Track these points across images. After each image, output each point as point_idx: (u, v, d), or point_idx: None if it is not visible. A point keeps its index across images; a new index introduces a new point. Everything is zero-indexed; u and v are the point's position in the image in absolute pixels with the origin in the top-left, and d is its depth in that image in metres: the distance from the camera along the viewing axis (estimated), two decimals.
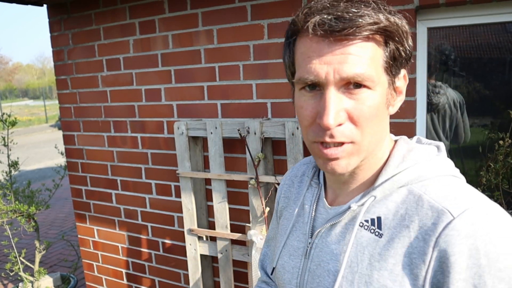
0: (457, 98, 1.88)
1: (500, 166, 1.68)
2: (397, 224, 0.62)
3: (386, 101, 0.64)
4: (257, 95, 2.06)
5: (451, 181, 0.64)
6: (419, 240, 0.59)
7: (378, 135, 0.64)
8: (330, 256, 0.68)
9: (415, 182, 0.64)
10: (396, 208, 0.63)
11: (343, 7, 0.59)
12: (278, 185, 1.99)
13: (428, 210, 0.60)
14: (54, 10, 2.65)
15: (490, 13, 1.66)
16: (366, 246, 0.64)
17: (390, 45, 0.61)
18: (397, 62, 0.63)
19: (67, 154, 2.84)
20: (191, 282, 2.29)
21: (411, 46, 0.65)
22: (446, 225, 0.57)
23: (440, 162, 0.67)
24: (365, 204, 0.65)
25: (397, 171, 0.65)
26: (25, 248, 3.95)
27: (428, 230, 0.59)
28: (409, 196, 0.63)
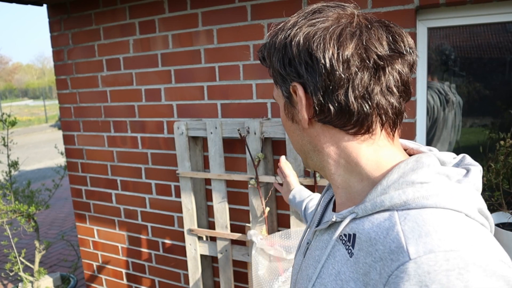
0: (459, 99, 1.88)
1: (501, 166, 1.68)
2: (365, 248, 0.57)
3: (288, 114, 0.68)
4: (257, 95, 2.06)
5: (441, 216, 0.53)
6: (376, 272, 0.53)
7: (296, 144, 0.69)
8: (312, 261, 0.69)
9: (400, 209, 0.56)
10: (369, 231, 0.57)
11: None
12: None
13: (392, 243, 0.52)
14: (54, 10, 2.65)
15: (490, 13, 1.66)
16: (338, 261, 0.61)
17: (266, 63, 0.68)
18: (275, 78, 0.66)
19: (67, 154, 2.84)
20: (191, 282, 2.29)
21: (275, 63, 0.64)
22: (399, 265, 0.50)
23: (444, 190, 0.55)
24: (345, 219, 0.62)
25: (386, 191, 0.58)
26: (25, 248, 3.95)
27: (385, 265, 0.52)
28: (386, 222, 0.56)
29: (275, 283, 1.80)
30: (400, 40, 0.59)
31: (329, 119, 0.61)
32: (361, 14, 0.61)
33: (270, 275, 1.84)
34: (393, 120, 0.61)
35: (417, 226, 0.52)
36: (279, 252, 1.82)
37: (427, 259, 0.48)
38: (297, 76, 0.61)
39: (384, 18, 1.71)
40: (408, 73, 0.60)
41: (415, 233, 0.51)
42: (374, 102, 0.58)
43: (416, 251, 0.49)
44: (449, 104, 1.90)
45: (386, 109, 0.60)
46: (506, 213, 1.74)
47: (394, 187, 0.58)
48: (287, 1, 1.91)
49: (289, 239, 1.86)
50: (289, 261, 1.82)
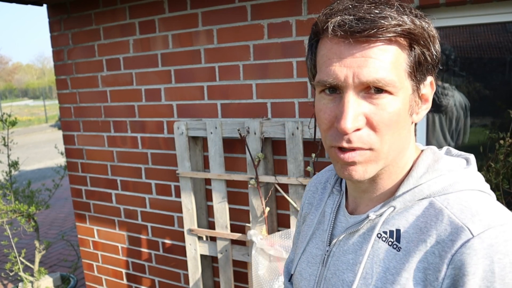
0: (463, 101, 1.88)
1: (501, 166, 1.68)
2: (415, 238, 0.60)
3: (409, 108, 0.61)
4: (257, 95, 2.06)
5: (477, 196, 0.60)
6: (435, 256, 0.57)
7: (399, 143, 0.62)
8: (346, 265, 0.67)
9: (438, 195, 0.61)
10: (415, 221, 0.61)
11: (366, 8, 0.57)
12: (278, 185, 1.99)
13: (447, 226, 0.57)
14: (54, 10, 2.65)
15: (490, 13, 1.66)
16: (383, 258, 0.62)
17: (415, 49, 0.58)
18: (422, 67, 0.60)
19: (67, 154, 2.84)
20: (191, 282, 2.29)
21: (438, 51, 0.61)
22: (463, 243, 0.55)
23: (467, 175, 0.63)
24: (383, 214, 0.63)
25: (420, 182, 0.62)
26: (25, 248, 3.95)
27: (445, 246, 0.56)
28: (429, 209, 0.60)
29: (275, 283, 1.80)
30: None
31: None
32: None
33: (270, 275, 1.84)
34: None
35: (464, 207, 0.58)
36: (279, 252, 1.82)
37: (489, 233, 0.54)
38: (435, 68, 0.65)
39: None
40: None
41: (467, 213, 0.57)
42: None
43: (476, 228, 0.55)
44: (442, 109, 1.89)
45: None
46: None
47: (426, 177, 0.63)
48: (287, 1, 1.91)
49: (289, 239, 1.86)
50: None
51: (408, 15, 0.57)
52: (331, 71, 0.58)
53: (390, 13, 0.56)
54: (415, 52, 0.59)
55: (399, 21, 0.56)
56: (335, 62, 0.58)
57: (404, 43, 0.58)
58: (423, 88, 0.62)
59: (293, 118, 2.00)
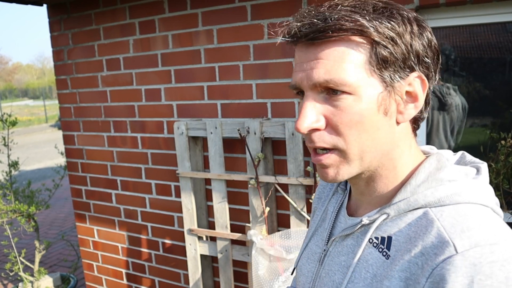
0: (463, 102, 1.88)
1: (501, 166, 1.68)
2: (404, 247, 0.58)
3: (380, 107, 0.59)
4: (257, 95, 2.06)
5: (476, 211, 0.56)
6: (418, 267, 0.55)
7: (375, 144, 0.60)
8: (338, 267, 0.68)
9: (434, 206, 0.58)
10: (407, 230, 0.59)
11: (317, 12, 0.58)
12: (278, 185, 1.99)
13: (434, 238, 0.55)
14: (54, 10, 2.65)
15: (490, 13, 1.66)
16: (372, 264, 0.61)
17: (376, 47, 0.57)
18: (390, 64, 0.58)
19: (67, 154, 2.84)
20: (191, 282, 2.29)
21: (414, 45, 0.58)
22: (445, 258, 0.52)
23: (471, 186, 0.59)
24: (376, 220, 0.62)
25: (417, 191, 0.60)
26: (25, 248, 3.95)
27: (428, 259, 0.54)
28: (422, 219, 0.58)
29: (275, 283, 1.80)
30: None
31: (419, 114, 0.65)
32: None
33: (270, 275, 1.84)
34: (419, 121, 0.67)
35: (456, 221, 0.55)
36: (279, 252, 1.82)
37: (474, 252, 0.51)
38: (425, 67, 0.63)
39: None
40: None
41: (457, 228, 0.54)
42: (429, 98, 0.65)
43: (462, 245, 0.52)
44: (447, 107, 1.89)
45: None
46: (506, 213, 1.74)
47: (425, 186, 0.60)
48: (287, 1, 1.91)
49: (289, 239, 1.86)
50: (289, 261, 1.82)
51: (364, 13, 0.57)
52: (293, 75, 0.62)
53: (339, 14, 0.56)
54: (377, 50, 0.57)
55: (346, 21, 0.56)
56: (296, 67, 0.62)
57: (361, 41, 0.57)
58: (406, 86, 0.60)
59: (293, 118, 2.00)
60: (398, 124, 0.62)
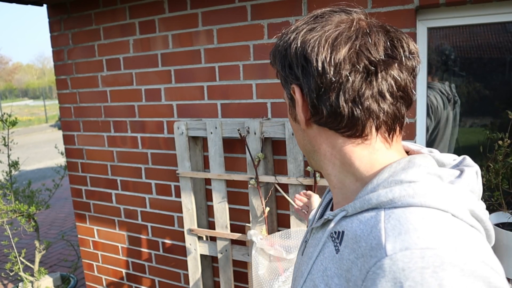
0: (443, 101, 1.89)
1: (500, 166, 1.68)
2: (350, 245, 0.57)
3: (290, 114, 0.69)
4: (257, 95, 2.06)
5: (425, 215, 0.52)
6: (357, 269, 0.53)
7: (300, 145, 0.70)
8: (306, 258, 0.69)
9: (388, 207, 0.56)
10: (356, 228, 0.57)
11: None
12: (278, 185, 1.99)
13: (373, 240, 0.52)
14: (54, 10, 2.65)
15: (490, 13, 1.66)
16: (326, 257, 0.62)
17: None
18: (280, 79, 0.67)
19: (67, 154, 2.84)
20: (191, 282, 2.29)
21: (281, 63, 0.65)
22: (376, 261, 0.50)
23: (431, 189, 0.55)
24: (336, 216, 0.62)
25: (375, 190, 0.58)
26: (25, 248, 3.95)
27: (365, 262, 0.52)
28: (372, 219, 0.56)
29: (275, 283, 1.80)
30: (399, 45, 0.59)
31: (323, 121, 0.62)
32: (364, 19, 0.61)
33: (270, 275, 1.84)
34: (389, 125, 0.61)
35: (399, 224, 0.52)
36: (279, 252, 1.82)
37: (402, 256, 0.48)
38: (295, 79, 0.63)
39: (384, 18, 1.71)
40: (406, 78, 0.59)
41: (396, 230, 0.51)
42: (365, 107, 0.58)
43: (392, 248, 0.49)
44: (451, 104, 1.90)
45: (378, 114, 0.59)
46: (506, 213, 1.74)
47: (383, 185, 0.58)
48: (287, 1, 1.91)
49: (289, 239, 1.86)
50: (289, 261, 1.82)
51: (277, 38, 0.67)
52: None
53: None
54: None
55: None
56: None
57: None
58: (294, 96, 0.65)
59: None
60: (309, 127, 0.71)
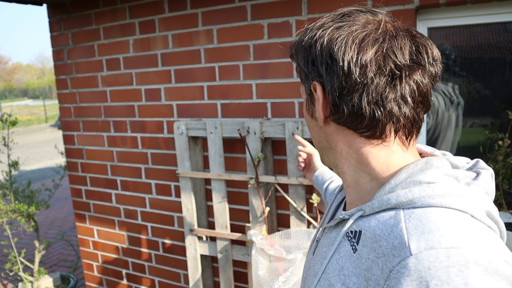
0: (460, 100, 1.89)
1: (500, 166, 1.68)
2: (369, 245, 0.57)
3: (307, 110, 0.70)
4: (257, 95, 2.06)
5: (446, 215, 0.53)
6: (378, 268, 0.54)
7: (316, 141, 0.71)
8: (319, 257, 0.70)
9: (407, 207, 0.57)
10: (375, 228, 0.58)
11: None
12: (278, 185, 1.99)
13: (395, 239, 0.53)
14: (54, 9, 2.65)
15: (490, 13, 1.66)
16: (342, 256, 0.62)
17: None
18: (300, 75, 0.68)
19: (67, 154, 2.84)
20: (191, 282, 2.29)
21: (305, 59, 0.64)
22: (400, 261, 0.50)
23: (450, 190, 0.56)
24: (353, 216, 0.63)
25: (394, 190, 0.59)
26: (24, 248, 3.95)
27: (387, 261, 0.52)
28: (391, 219, 0.57)
29: (275, 283, 1.80)
30: (424, 51, 0.60)
31: (342, 120, 0.63)
32: (390, 22, 0.62)
33: (270, 275, 1.84)
34: (408, 128, 0.62)
35: (421, 223, 0.53)
36: (279, 252, 1.82)
37: (428, 255, 0.48)
38: (318, 75, 0.63)
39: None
40: (427, 84, 0.61)
41: (418, 230, 0.52)
42: (387, 109, 0.59)
43: (417, 247, 0.50)
44: (453, 105, 1.90)
45: (398, 117, 0.60)
46: (506, 213, 1.74)
47: (402, 186, 0.59)
48: (287, 1, 1.91)
49: (289, 239, 1.86)
50: (289, 261, 1.82)
51: (302, 31, 0.67)
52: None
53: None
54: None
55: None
56: None
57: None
58: (313, 93, 0.66)
59: (293, 118, 2.00)
60: (326, 124, 0.72)
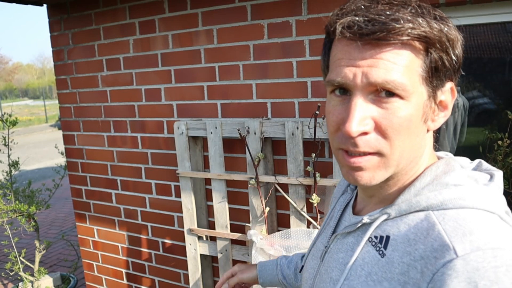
0: (465, 102, 1.88)
1: (500, 166, 1.68)
2: (402, 249, 0.57)
3: (423, 115, 0.58)
4: (257, 95, 2.06)
5: (480, 216, 0.54)
6: (417, 271, 0.53)
7: (411, 151, 0.59)
8: (336, 263, 0.67)
9: (436, 209, 0.57)
10: (406, 232, 0.57)
11: (379, 9, 0.54)
12: (278, 185, 1.99)
13: (434, 242, 0.53)
14: (54, 10, 2.65)
15: (490, 13, 1.66)
16: (368, 262, 0.61)
17: (432, 53, 0.56)
18: (439, 73, 0.57)
19: (67, 154, 2.85)
20: (191, 282, 2.29)
21: (459, 55, 0.58)
22: (446, 262, 0.50)
23: (477, 192, 0.57)
24: (377, 220, 0.61)
25: (421, 193, 0.59)
26: (25, 248, 3.95)
27: (428, 263, 0.52)
28: (423, 222, 0.56)
29: None
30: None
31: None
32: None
33: None
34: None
35: (458, 225, 0.53)
36: (279, 252, 1.82)
37: (476, 256, 0.49)
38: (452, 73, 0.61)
39: None
40: None
41: (458, 231, 0.52)
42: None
43: (463, 249, 0.50)
44: (459, 110, 1.90)
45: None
46: None
47: (429, 188, 0.59)
48: (287, 1, 1.91)
49: (289, 239, 1.86)
50: None
51: (425, 16, 0.54)
52: (340, 71, 0.57)
53: (404, 15, 0.53)
54: (432, 57, 0.56)
55: (413, 24, 0.53)
56: (344, 62, 0.57)
57: (420, 47, 0.55)
58: (441, 95, 0.59)
59: (293, 118, 2.00)
60: (428, 131, 0.61)
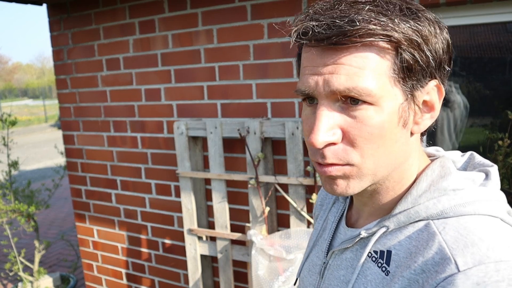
0: (465, 101, 1.89)
1: (500, 166, 1.68)
2: (404, 263, 0.54)
3: (400, 119, 0.54)
4: (257, 95, 2.06)
5: (483, 223, 0.52)
6: (418, 285, 0.51)
7: (390, 158, 0.55)
8: (337, 281, 0.65)
9: (436, 218, 0.54)
10: (407, 244, 0.55)
11: (335, 12, 0.51)
12: (278, 185, 1.99)
13: (435, 254, 0.51)
14: (54, 9, 2.65)
15: (490, 13, 1.66)
16: (371, 280, 0.58)
17: (402, 53, 0.51)
18: (414, 72, 0.53)
19: (67, 154, 2.84)
20: (191, 282, 2.29)
21: (437, 50, 0.54)
22: (446, 277, 0.48)
23: (477, 196, 0.55)
24: (375, 234, 0.59)
25: (418, 202, 0.56)
26: (24, 248, 3.95)
27: (429, 277, 0.50)
28: (423, 233, 0.54)
29: (275, 283, 1.80)
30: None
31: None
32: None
33: (270, 275, 1.84)
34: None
35: (460, 235, 0.51)
36: (279, 252, 1.82)
37: (477, 270, 0.47)
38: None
39: None
40: None
41: (460, 243, 0.50)
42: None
43: (464, 263, 0.48)
44: (449, 105, 1.90)
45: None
46: None
47: (427, 196, 0.56)
48: (287, 1, 1.91)
49: (289, 239, 1.86)
50: (289, 261, 1.82)
51: (390, 14, 0.51)
52: (305, 80, 0.54)
53: (364, 15, 0.50)
54: (402, 56, 0.51)
55: (375, 24, 0.50)
56: (308, 70, 0.54)
57: (387, 47, 0.51)
58: (424, 95, 0.55)
59: (293, 118, 2.00)
60: (412, 135, 0.57)
